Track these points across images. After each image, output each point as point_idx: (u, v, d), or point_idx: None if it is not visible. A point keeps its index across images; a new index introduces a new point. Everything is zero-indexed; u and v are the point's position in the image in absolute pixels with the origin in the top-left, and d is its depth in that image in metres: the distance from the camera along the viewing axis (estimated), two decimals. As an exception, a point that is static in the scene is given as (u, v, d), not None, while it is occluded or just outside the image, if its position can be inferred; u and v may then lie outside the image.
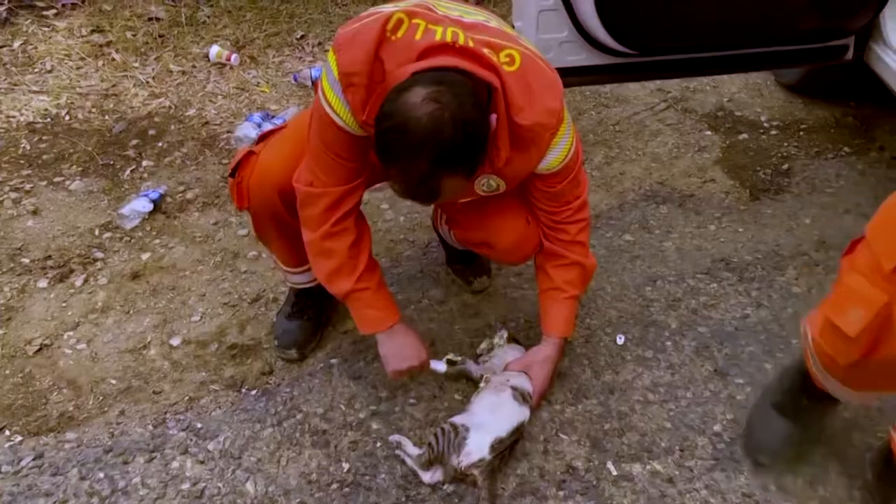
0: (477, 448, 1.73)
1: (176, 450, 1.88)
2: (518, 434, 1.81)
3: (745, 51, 2.61)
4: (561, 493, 1.77)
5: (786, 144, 3.03)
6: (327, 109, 1.60)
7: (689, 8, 2.37)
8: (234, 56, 3.44)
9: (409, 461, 1.81)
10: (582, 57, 2.50)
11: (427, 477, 1.77)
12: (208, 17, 3.76)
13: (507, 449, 1.78)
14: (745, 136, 3.07)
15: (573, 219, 1.84)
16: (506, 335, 2.05)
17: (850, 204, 2.68)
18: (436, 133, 1.39)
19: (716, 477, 1.79)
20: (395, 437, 1.86)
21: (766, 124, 3.15)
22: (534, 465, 1.83)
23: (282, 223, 1.90)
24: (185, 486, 1.80)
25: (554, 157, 1.68)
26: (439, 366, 1.96)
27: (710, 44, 2.50)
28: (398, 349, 1.87)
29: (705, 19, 2.40)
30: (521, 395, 1.84)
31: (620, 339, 2.15)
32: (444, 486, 1.76)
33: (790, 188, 2.80)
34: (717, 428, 1.91)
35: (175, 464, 1.85)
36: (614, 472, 1.81)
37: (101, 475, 1.82)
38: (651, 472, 1.81)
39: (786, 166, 2.91)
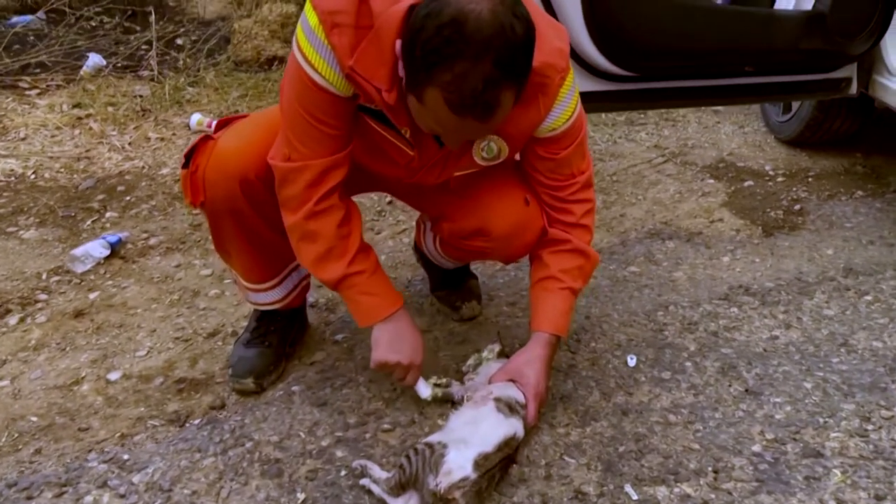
0: (458, 466, 1.38)
1: (92, 483, 1.52)
2: (509, 450, 1.46)
3: (747, 80, 2.49)
4: (569, 524, 1.41)
5: (794, 189, 2.84)
6: (304, 66, 1.39)
7: (687, 23, 2.28)
8: (214, 123, 3.32)
9: (375, 489, 1.45)
10: (572, 83, 2.37)
11: (399, 506, 1.41)
12: (194, 94, 3.71)
13: (496, 468, 1.43)
14: (750, 183, 2.89)
15: (578, 197, 1.61)
16: (497, 349, 1.75)
17: (874, 236, 2.45)
18: (504, 28, 1.18)
19: (761, 500, 1.43)
20: (358, 462, 1.51)
21: (771, 172, 2.98)
22: (534, 492, 1.47)
23: (243, 222, 1.65)
24: (97, 523, 1.44)
25: (559, 114, 1.48)
26: (424, 390, 1.66)
27: (708, 62, 2.37)
28: (393, 337, 1.59)
29: (704, 36, 2.30)
30: (506, 406, 1.51)
31: (632, 361, 1.84)
32: (422, 516, 1.40)
33: (805, 225, 2.57)
34: (756, 448, 1.56)
35: (89, 498, 1.49)
36: (635, 497, 1.44)
37: (-4, 513, 1.47)
38: (680, 495, 1.45)
39: (798, 207, 2.70)
